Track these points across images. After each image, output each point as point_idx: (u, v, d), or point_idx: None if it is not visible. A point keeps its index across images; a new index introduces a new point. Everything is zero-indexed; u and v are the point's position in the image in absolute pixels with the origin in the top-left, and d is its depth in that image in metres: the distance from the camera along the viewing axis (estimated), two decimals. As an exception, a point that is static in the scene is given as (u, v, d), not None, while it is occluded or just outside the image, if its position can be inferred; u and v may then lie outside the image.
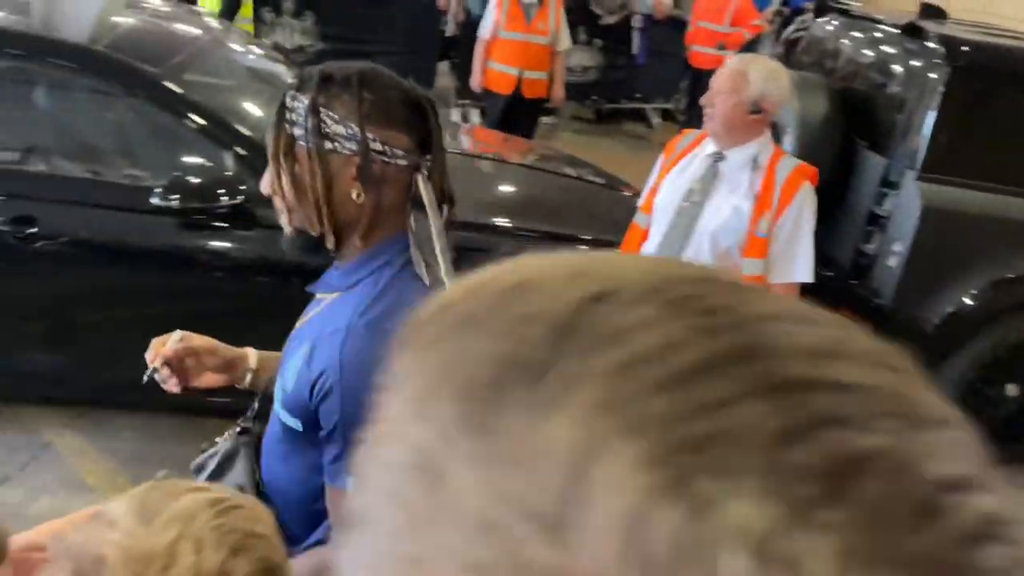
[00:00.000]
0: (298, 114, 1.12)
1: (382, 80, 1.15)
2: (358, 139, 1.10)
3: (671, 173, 2.51)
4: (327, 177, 1.11)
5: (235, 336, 3.04)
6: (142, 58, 2.85)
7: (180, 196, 2.63)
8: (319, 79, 1.13)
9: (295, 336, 1.23)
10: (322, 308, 1.20)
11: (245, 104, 3.31)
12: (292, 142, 1.13)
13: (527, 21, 4.81)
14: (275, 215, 2.71)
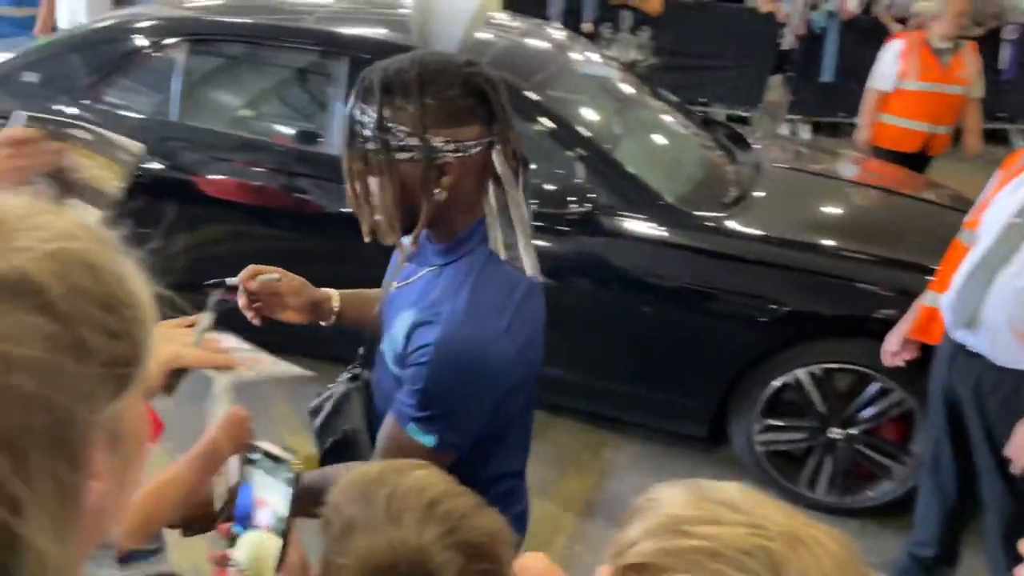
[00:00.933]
0: (369, 129, 1.15)
1: (442, 76, 1.15)
2: (429, 145, 1.13)
3: (1004, 189, 2.22)
4: (407, 184, 1.16)
5: (562, 339, 3.19)
6: (509, 71, 3.10)
7: (536, 202, 2.83)
8: (381, 91, 1.14)
9: (395, 298, 1.33)
10: (421, 278, 1.28)
11: (593, 115, 3.48)
12: (366, 155, 1.17)
13: (942, 68, 4.17)
14: (620, 224, 2.82)
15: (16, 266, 0.43)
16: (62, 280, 0.44)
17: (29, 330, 0.43)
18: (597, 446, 3.28)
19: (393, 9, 4.03)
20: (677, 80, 6.80)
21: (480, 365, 1.19)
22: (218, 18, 3.45)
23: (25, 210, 0.46)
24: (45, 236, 0.45)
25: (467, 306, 1.18)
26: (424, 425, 1.22)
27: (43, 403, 0.43)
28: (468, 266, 1.22)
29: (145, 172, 3.15)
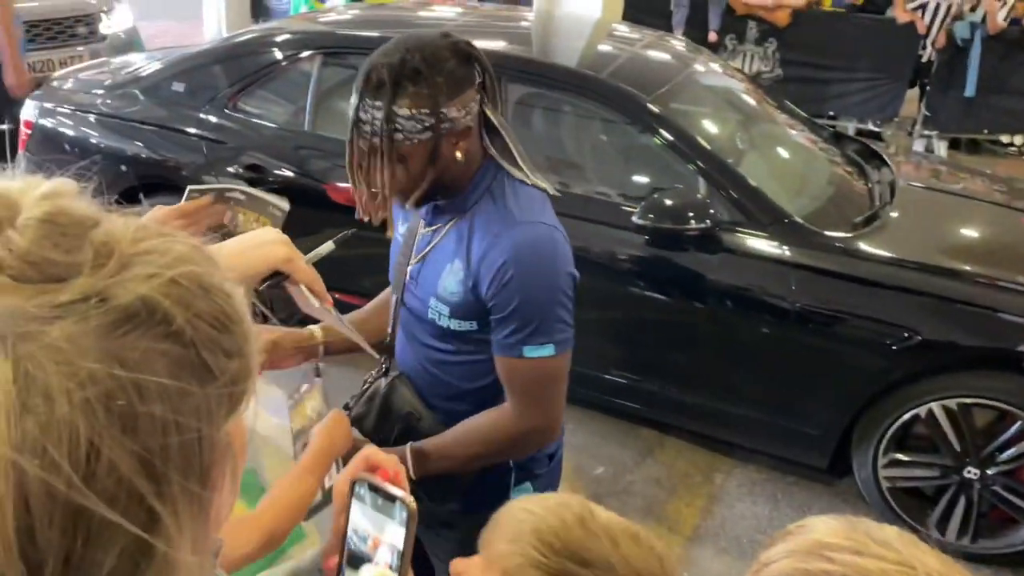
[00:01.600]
0: (389, 121, 1.25)
1: (438, 54, 1.27)
2: (448, 118, 1.27)
3: None
4: (437, 156, 1.29)
5: (669, 350, 3.12)
6: (631, 84, 3.07)
7: (654, 217, 2.78)
8: (393, 84, 1.24)
9: (424, 268, 1.42)
10: (446, 235, 1.39)
11: (715, 128, 3.39)
12: (383, 147, 1.27)
13: None
14: (742, 242, 2.73)
15: (142, 295, 0.44)
16: (184, 306, 0.45)
17: (158, 358, 0.44)
18: (708, 469, 3.18)
19: (515, 22, 4.08)
20: (804, 93, 6.57)
21: (555, 251, 1.33)
22: (349, 32, 3.57)
23: (134, 235, 0.46)
24: (163, 262, 0.45)
25: (518, 212, 1.32)
26: (537, 339, 1.31)
27: (175, 427, 0.44)
28: (492, 197, 1.35)
29: (277, 178, 3.30)
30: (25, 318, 0.41)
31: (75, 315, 0.41)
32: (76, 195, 0.46)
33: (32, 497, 0.39)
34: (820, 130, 3.90)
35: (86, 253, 0.44)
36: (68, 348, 0.41)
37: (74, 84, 3.82)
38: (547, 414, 1.40)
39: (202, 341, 0.45)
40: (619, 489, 3.03)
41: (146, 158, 3.47)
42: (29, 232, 0.43)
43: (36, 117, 3.66)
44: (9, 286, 0.41)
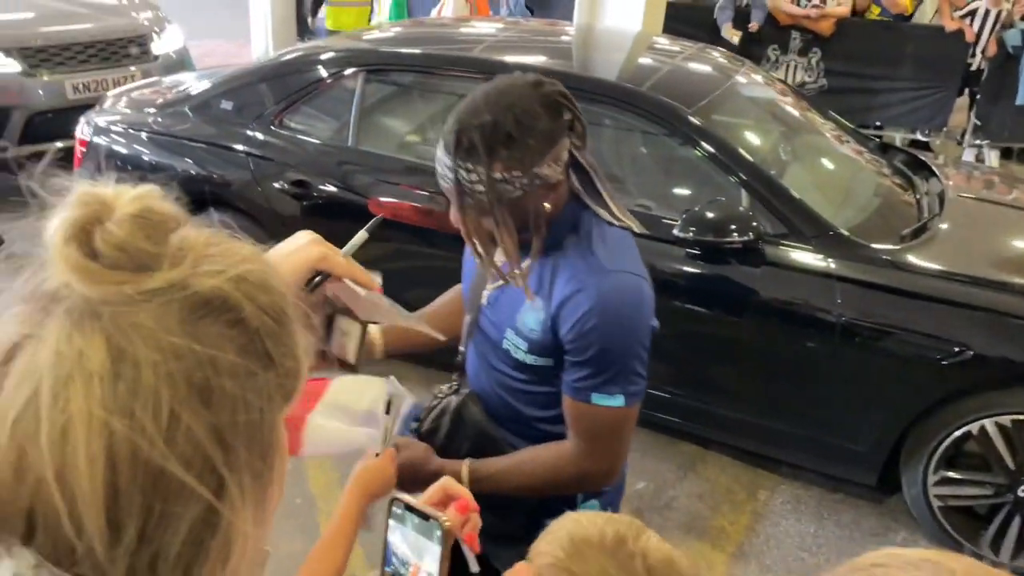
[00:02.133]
0: (482, 184, 1.25)
1: (530, 112, 1.24)
2: (539, 176, 1.26)
3: None
4: (525, 216, 1.29)
5: (711, 364, 3.10)
6: (672, 96, 3.06)
7: (696, 229, 2.76)
8: (487, 150, 1.23)
9: (499, 299, 1.43)
10: (529, 265, 1.36)
11: (757, 139, 3.36)
12: (483, 208, 1.27)
13: None
14: (785, 255, 2.70)
15: (216, 286, 0.49)
16: (250, 299, 0.51)
17: (229, 341, 0.49)
18: (752, 486, 3.14)
19: (555, 37, 4.10)
20: (850, 103, 6.47)
21: (640, 302, 1.32)
22: (391, 49, 3.63)
23: (207, 239, 0.53)
24: (231, 261, 0.51)
25: (606, 259, 1.30)
26: (608, 388, 1.31)
27: (243, 403, 0.49)
28: (579, 238, 1.34)
29: (321, 193, 3.35)
30: (118, 300, 0.47)
31: (160, 299, 0.47)
32: (162, 197, 0.53)
33: (119, 457, 0.45)
34: (866, 141, 3.84)
35: (169, 247, 0.50)
36: (154, 326, 0.47)
37: (127, 103, 3.93)
38: (608, 460, 1.39)
39: (265, 331, 0.51)
40: (660, 504, 3.00)
41: (195, 174, 3.55)
42: (124, 225, 0.48)
43: (90, 135, 3.78)
44: (105, 273, 0.47)
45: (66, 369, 0.45)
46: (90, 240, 0.48)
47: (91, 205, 0.49)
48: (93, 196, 0.50)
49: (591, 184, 1.33)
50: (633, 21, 5.45)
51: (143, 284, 0.48)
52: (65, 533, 0.45)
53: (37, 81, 4.93)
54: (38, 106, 4.92)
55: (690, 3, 7.29)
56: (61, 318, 0.47)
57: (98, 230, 0.48)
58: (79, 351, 0.45)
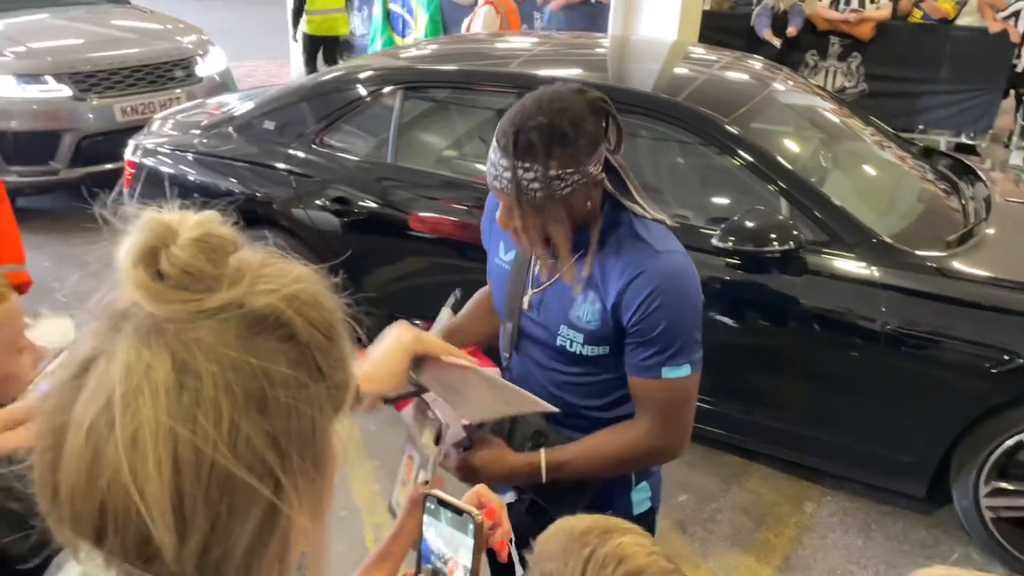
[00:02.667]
0: (539, 182, 1.33)
1: (580, 116, 1.33)
2: (588, 173, 1.35)
3: None
4: (573, 211, 1.38)
5: (753, 374, 3.06)
6: (709, 106, 3.05)
7: (735, 239, 2.74)
8: (544, 149, 1.32)
9: (548, 296, 1.49)
10: (570, 267, 1.44)
11: (797, 147, 3.33)
12: (537, 204, 1.35)
13: None
14: (827, 263, 2.67)
15: (270, 304, 0.53)
16: (302, 316, 0.54)
17: (282, 355, 0.53)
18: (798, 498, 3.09)
19: (590, 49, 4.11)
20: (892, 107, 6.38)
21: (694, 276, 1.43)
22: (428, 67, 3.68)
23: (262, 260, 0.57)
24: (284, 280, 0.55)
25: (656, 243, 1.40)
26: (675, 360, 1.40)
27: (296, 413, 0.53)
28: (616, 231, 1.43)
29: (362, 209, 3.41)
30: (181, 317, 0.51)
31: (219, 316, 0.51)
32: (221, 222, 0.56)
33: (184, 460, 0.48)
34: (908, 145, 3.78)
35: (228, 268, 0.53)
36: (214, 341, 0.51)
37: (173, 125, 4.04)
38: (679, 432, 1.48)
39: (315, 345, 0.54)
40: (704, 517, 2.98)
41: (239, 193, 3.63)
42: (188, 249, 0.52)
43: (138, 157, 3.89)
44: (170, 292, 0.51)
45: (135, 381, 0.49)
46: (156, 262, 0.52)
47: (157, 230, 0.53)
48: (159, 222, 0.54)
49: (623, 183, 1.43)
50: (668, 31, 5.44)
51: (204, 303, 0.52)
52: (135, 532, 0.48)
53: (87, 105, 5.09)
54: (88, 129, 5.08)
55: (726, 11, 7.26)
56: (130, 334, 0.51)
57: (164, 253, 0.52)
58: (147, 364, 0.49)
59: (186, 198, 2.37)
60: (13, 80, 4.96)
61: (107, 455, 0.49)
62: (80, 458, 0.49)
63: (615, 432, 1.48)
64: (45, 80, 5.02)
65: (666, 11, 5.47)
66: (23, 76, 4.98)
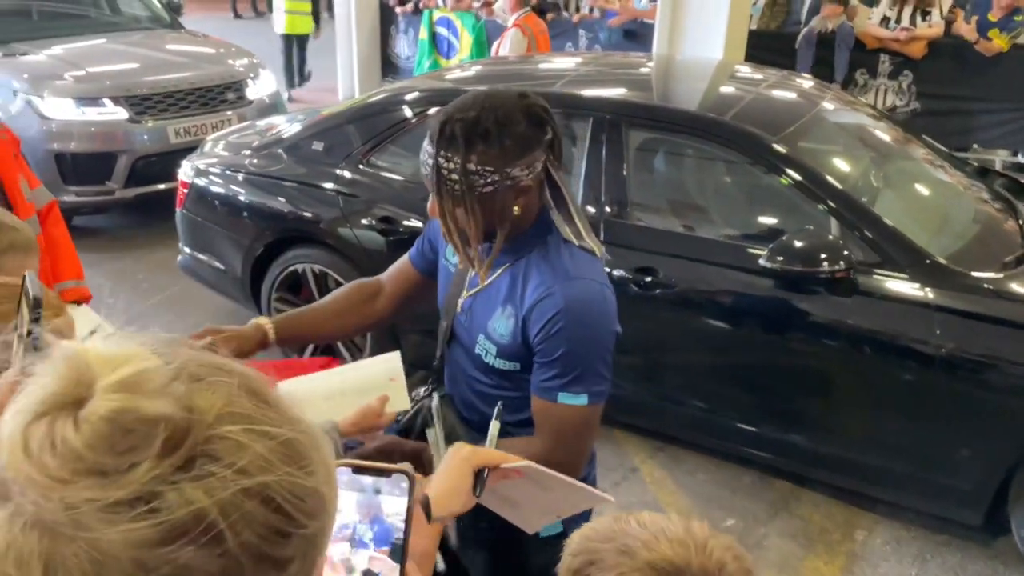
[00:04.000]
0: (457, 173, 1.34)
1: (511, 117, 1.34)
2: (510, 177, 1.35)
3: None
4: (492, 211, 1.37)
5: (802, 398, 2.99)
6: (756, 125, 3.02)
7: (784, 259, 2.70)
8: (465, 142, 1.32)
9: (474, 305, 1.51)
10: (499, 276, 1.47)
11: (847, 166, 3.28)
12: (455, 195, 1.36)
13: None
14: (880, 284, 2.61)
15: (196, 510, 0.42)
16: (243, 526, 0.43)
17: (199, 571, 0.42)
18: (848, 525, 3.01)
19: (635, 69, 4.11)
20: (944, 125, 6.25)
21: (604, 307, 1.41)
22: (473, 88, 3.70)
23: (222, 409, 0.46)
24: (235, 467, 0.43)
25: (572, 268, 1.40)
26: (573, 387, 1.40)
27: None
28: (545, 249, 1.43)
29: (407, 228, 3.44)
30: (76, 514, 0.39)
31: (124, 520, 0.39)
32: (150, 372, 0.43)
33: None
34: (962, 165, 3.70)
35: (151, 449, 0.41)
36: (104, 552, 0.39)
37: (224, 146, 4.14)
38: (571, 458, 1.46)
39: (253, 555, 0.43)
40: (751, 543, 2.91)
41: (287, 212, 3.70)
42: (87, 430, 0.40)
43: (191, 176, 3.98)
44: (70, 481, 0.40)
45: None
46: (53, 436, 0.41)
47: (60, 395, 0.42)
48: (68, 379, 0.42)
49: (562, 201, 1.43)
50: (714, 50, 5.42)
51: (109, 492, 0.40)
52: None
53: (142, 127, 5.24)
54: (143, 150, 5.23)
55: (773, 30, 7.20)
56: (8, 522, 0.40)
57: (60, 424, 0.41)
58: (23, 565, 0.39)
59: (237, 217, 2.50)
60: (72, 103, 5.13)
61: None
62: None
63: (516, 444, 1.45)
64: (103, 103, 5.18)
65: (712, 30, 5.46)
66: (82, 99, 5.15)
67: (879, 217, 2.79)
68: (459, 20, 8.24)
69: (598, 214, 3.09)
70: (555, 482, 1.19)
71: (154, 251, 5.10)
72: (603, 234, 3.06)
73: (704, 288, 2.94)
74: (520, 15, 5.53)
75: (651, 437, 3.38)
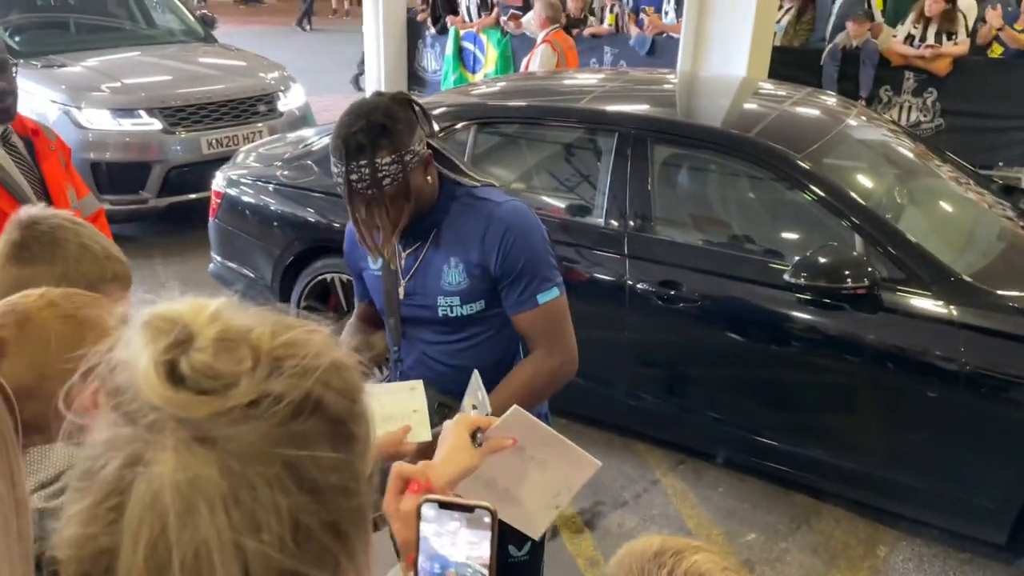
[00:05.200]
0: (383, 172, 1.52)
1: (392, 109, 1.56)
2: (416, 152, 1.57)
3: None
4: (418, 187, 1.59)
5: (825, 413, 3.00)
6: (780, 142, 3.04)
7: (807, 275, 2.72)
8: (371, 144, 1.52)
9: (418, 276, 1.70)
10: (428, 246, 1.68)
11: (871, 183, 3.30)
12: (379, 195, 1.54)
13: None
14: (904, 301, 2.61)
15: (306, 390, 0.51)
16: (335, 392, 0.53)
17: (324, 438, 0.52)
18: (871, 541, 3.01)
19: (659, 85, 4.15)
20: (970, 143, 6.23)
21: (531, 213, 1.69)
22: (498, 103, 3.77)
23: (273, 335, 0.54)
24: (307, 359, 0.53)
25: (492, 198, 1.67)
26: (544, 285, 1.65)
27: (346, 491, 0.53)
28: (460, 203, 1.66)
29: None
30: (214, 422, 0.48)
31: (255, 413, 0.49)
32: (236, 309, 0.54)
33: (255, 571, 0.47)
34: (987, 182, 3.70)
35: (250, 361, 0.51)
36: (256, 441, 0.49)
37: (256, 157, 4.22)
38: (569, 345, 1.70)
39: (348, 415, 0.54)
40: (772, 557, 2.92)
41: (315, 222, 3.77)
42: (208, 350, 0.50)
43: (224, 187, 4.07)
44: (198, 399, 0.49)
45: (187, 498, 0.47)
46: (177, 369, 0.49)
47: (172, 333, 0.50)
48: (171, 322, 0.51)
49: (450, 161, 1.68)
50: (739, 66, 5.45)
51: (233, 400, 0.49)
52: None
53: (175, 138, 5.36)
54: (176, 161, 5.35)
55: (797, 47, 7.22)
56: (168, 448, 0.48)
57: (183, 359, 0.50)
58: (195, 477, 0.47)
59: (267, 226, 2.59)
60: (108, 114, 5.26)
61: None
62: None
63: (517, 371, 1.69)
64: (138, 114, 5.31)
65: (736, 47, 5.49)
66: (118, 110, 5.28)
67: (903, 234, 2.81)
68: (485, 34, 8.34)
69: (622, 227, 3.13)
70: (544, 435, 1.18)
71: (186, 259, 5.20)
72: (627, 247, 3.11)
73: (727, 302, 2.96)
74: (550, 31, 5.59)
75: (673, 449, 3.40)
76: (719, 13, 5.56)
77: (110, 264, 1.34)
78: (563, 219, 3.37)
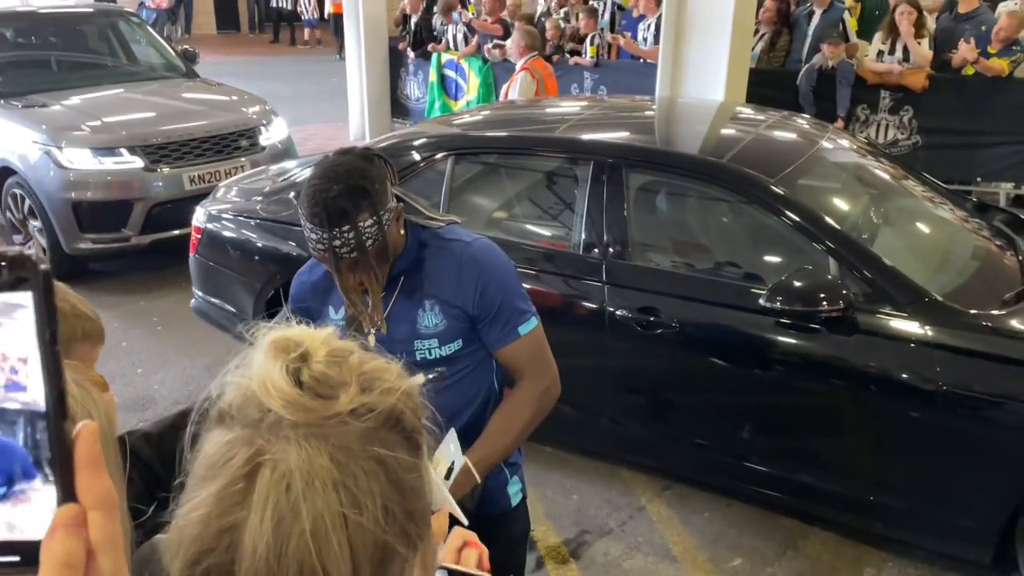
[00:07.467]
0: (365, 235, 1.54)
1: (367, 167, 1.56)
2: (392, 208, 1.59)
3: None
4: (394, 240, 1.62)
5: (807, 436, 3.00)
6: (754, 166, 3.07)
7: (783, 299, 2.74)
8: (355, 208, 1.52)
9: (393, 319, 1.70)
10: (399, 292, 1.70)
11: (845, 205, 3.33)
12: (362, 258, 1.55)
13: None
14: (879, 323, 2.62)
15: (391, 405, 0.65)
16: (410, 410, 0.67)
17: (402, 444, 0.65)
18: (856, 563, 3.00)
19: (639, 111, 4.20)
20: (947, 159, 6.31)
21: (498, 250, 1.75)
22: (478, 134, 3.80)
23: (369, 365, 0.68)
24: (391, 379, 0.67)
25: (459, 238, 1.71)
26: (522, 317, 1.70)
27: (416, 491, 0.65)
28: (428, 247, 1.69)
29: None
30: (325, 422, 0.62)
31: (356, 419, 0.62)
32: (336, 335, 0.68)
33: (356, 540, 0.60)
34: (962, 201, 3.74)
35: (351, 376, 0.64)
36: (358, 440, 0.62)
37: (237, 192, 4.23)
38: (553, 369, 1.76)
39: (416, 429, 0.67)
40: (760, 582, 2.91)
41: (296, 256, 3.77)
42: (323, 364, 0.64)
43: (204, 222, 4.07)
44: (314, 403, 0.62)
45: (308, 479, 0.59)
46: (300, 376, 0.63)
47: (294, 351, 0.64)
48: (294, 343, 0.65)
49: (411, 206, 1.70)
50: (716, 90, 5.51)
51: (337, 407, 0.62)
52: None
53: (157, 175, 5.36)
54: (158, 198, 5.34)
55: (774, 68, 7.31)
56: (292, 441, 0.61)
57: (305, 369, 0.63)
58: (312, 464, 0.60)
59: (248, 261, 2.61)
60: (89, 153, 5.25)
61: (292, 543, 0.58)
62: (265, 552, 0.58)
63: (507, 405, 1.74)
64: (119, 152, 5.30)
65: (713, 70, 5.55)
66: (99, 149, 5.27)
67: (877, 256, 2.83)
68: (466, 62, 8.41)
69: (600, 255, 3.15)
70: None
71: (168, 295, 5.19)
72: (605, 275, 3.12)
73: (706, 328, 2.98)
74: (528, 59, 5.64)
75: (658, 476, 3.40)
76: (695, 38, 5.63)
77: (79, 323, 1.33)
78: (543, 248, 3.39)
